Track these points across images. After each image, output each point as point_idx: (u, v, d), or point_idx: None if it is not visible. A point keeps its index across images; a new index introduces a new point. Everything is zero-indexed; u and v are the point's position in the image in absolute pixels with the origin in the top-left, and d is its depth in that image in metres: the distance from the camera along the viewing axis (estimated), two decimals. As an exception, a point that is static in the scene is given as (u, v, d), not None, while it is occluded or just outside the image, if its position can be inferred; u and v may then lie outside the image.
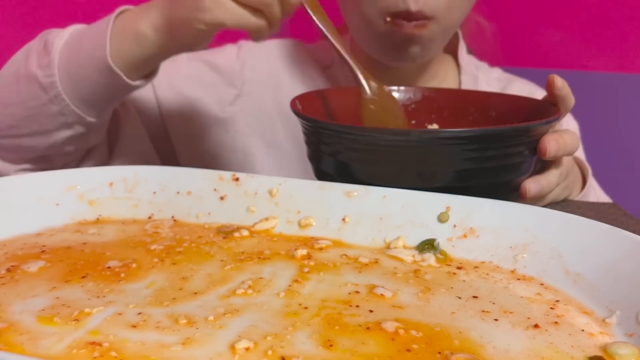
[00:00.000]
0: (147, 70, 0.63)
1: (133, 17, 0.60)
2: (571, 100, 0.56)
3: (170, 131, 0.82)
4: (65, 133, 0.64)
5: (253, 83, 0.84)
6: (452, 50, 0.87)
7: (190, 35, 0.58)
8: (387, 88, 0.62)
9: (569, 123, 0.83)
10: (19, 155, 0.67)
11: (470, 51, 0.90)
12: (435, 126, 0.64)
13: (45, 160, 0.67)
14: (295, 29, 0.58)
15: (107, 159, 0.74)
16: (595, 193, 0.76)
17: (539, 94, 0.58)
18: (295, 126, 0.83)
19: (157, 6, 0.59)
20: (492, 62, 0.92)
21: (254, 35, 0.57)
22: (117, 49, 0.59)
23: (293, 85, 0.83)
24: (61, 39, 0.61)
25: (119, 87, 0.61)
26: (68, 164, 0.68)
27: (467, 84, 0.85)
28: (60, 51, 0.61)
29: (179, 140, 0.82)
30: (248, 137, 0.84)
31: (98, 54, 0.59)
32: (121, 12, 0.62)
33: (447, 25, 0.71)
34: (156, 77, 0.73)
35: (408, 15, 0.67)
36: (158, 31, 0.58)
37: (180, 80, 0.81)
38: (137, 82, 0.63)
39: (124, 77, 0.60)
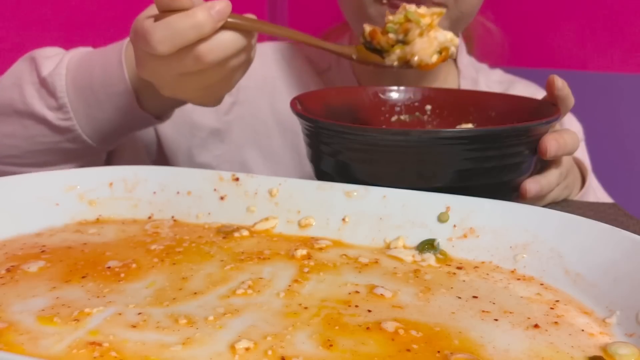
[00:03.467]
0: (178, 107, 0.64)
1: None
2: (571, 100, 0.56)
3: (163, 143, 0.80)
4: (73, 164, 0.65)
5: (248, 89, 0.82)
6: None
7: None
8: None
9: (572, 124, 0.83)
10: None
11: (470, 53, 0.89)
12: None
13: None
14: (296, 28, 0.57)
15: None
16: (595, 193, 0.76)
17: (540, 95, 0.58)
18: (292, 135, 0.82)
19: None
20: (497, 64, 0.91)
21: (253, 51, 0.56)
22: (145, 97, 0.60)
23: (289, 91, 0.82)
24: (61, 78, 0.60)
25: (145, 124, 0.63)
26: None
27: (467, 88, 0.84)
28: (68, 92, 0.60)
29: (173, 151, 0.81)
30: (244, 148, 0.83)
31: (124, 102, 0.59)
32: (127, 45, 0.60)
33: (456, 16, 0.70)
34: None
35: None
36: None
37: None
38: (163, 119, 0.64)
39: (153, 119, 0.61)
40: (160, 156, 0.82)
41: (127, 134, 0.66)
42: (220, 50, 0.49)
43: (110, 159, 0.73)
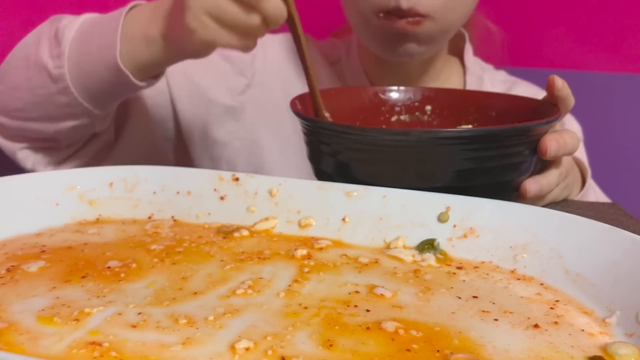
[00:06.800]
0: (155, 72, 0.64)
1: (144, 18, 0.60)
2: (571, 100, 0.56)
3: (180, 117, 0.82)
4: (72, 122, 0.65)
5: (263, 74, 0.85)
6: (458, 52, 0.88)
7: (191, 49, 0.59)
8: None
9: (571, 125, 0.83)
10: (25, 136, 0.68)
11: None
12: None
13: (51, 140, 0.68)
14: (303, 25, 0.58)
15: (113, 143, 0.74)
16: (595, 193, 0.76)
17: (541, 96, 0.58)
18: None
19: (164, 14, 0.59)
20: (498, 64, 0.92)
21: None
22: (127, 50, 0.60)
23: (301, 79, 0.83)
24: (71, 30, 0.61)
25: (126, 86, 0.62)
26: (73, 144, 0.69)
27: (472, 85, 0.85)
28: (71, 43, 0.61)
29: (189, 126, 0.83)
30: (256, 127, 0.85)
31: (108, 53, 0.60)
32: (132, 7, 0.62)
33: (446, 25, 0.72)
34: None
35: (400, 12, 0.68)
36: (166, 39, 0.59)
37: (193, 68, 0.82)
38: (144, 83, 0.63)
39: (132, 78, 0.60)
40: (177, 131, 0.83)
41: (112, 95, 0.65)
42: (272, 4, 0.53)
43: (123, 132, 0.74)
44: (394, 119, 0.65)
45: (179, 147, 0.85)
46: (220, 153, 0.84)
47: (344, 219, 0.47)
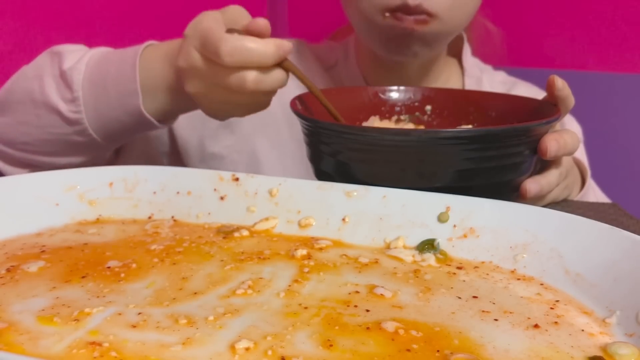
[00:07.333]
0: (177, 115, 0.66)
1: (160, 69, 0.60)
2: (571, 100, 0.56)
3: (176, 134, 0.82)
4: (83, 157, 0.66)
5: None
6: (456, 53, 0.88)
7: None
8: None
9: (571, 125, 0.83)
10: (31, 165, 0.68)
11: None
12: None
13: (57, 168, 0.68)
14: (296, 28, 0.58)
15: (114, 161, 0.74)
16: (595, 193, 0.76)
17: (541, 96, 0.58)
18: (299, 127, 0.83)
19: (178, 69, 0.58)
20: (498, 65, 0.92)
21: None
22: (150, 100, 0.61)
23: (296, 85, 0.83)
24: (79, 72, 0.62)
25: (148, 128, 0.64)
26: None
27: (471, 87, 0.85)
28: (83, 85, 0.61)
29: (185, 141, 0.83)
30: (253, 138, 0.84)
31: (130, 102, 0.61)
32: (145, 48, 0.62)
33: (452, 26, 0.71)
34: None
35: (407, 10, 0.67)
36: (189, 95, 0.59)
37: None
38: (165, 124, 0.65)
39: (156, 123, 0.62)
40: (173, 147, 0.83)
41: (131, 134, 0.67)
42: (266, 83, 0.54)
43: (121, 149, 0.74)
44: (394, 119, 0.65)
45: (175, 161, 0.85)
46: (217, 167, 0.84)
47: (344, 219, 0.47)
